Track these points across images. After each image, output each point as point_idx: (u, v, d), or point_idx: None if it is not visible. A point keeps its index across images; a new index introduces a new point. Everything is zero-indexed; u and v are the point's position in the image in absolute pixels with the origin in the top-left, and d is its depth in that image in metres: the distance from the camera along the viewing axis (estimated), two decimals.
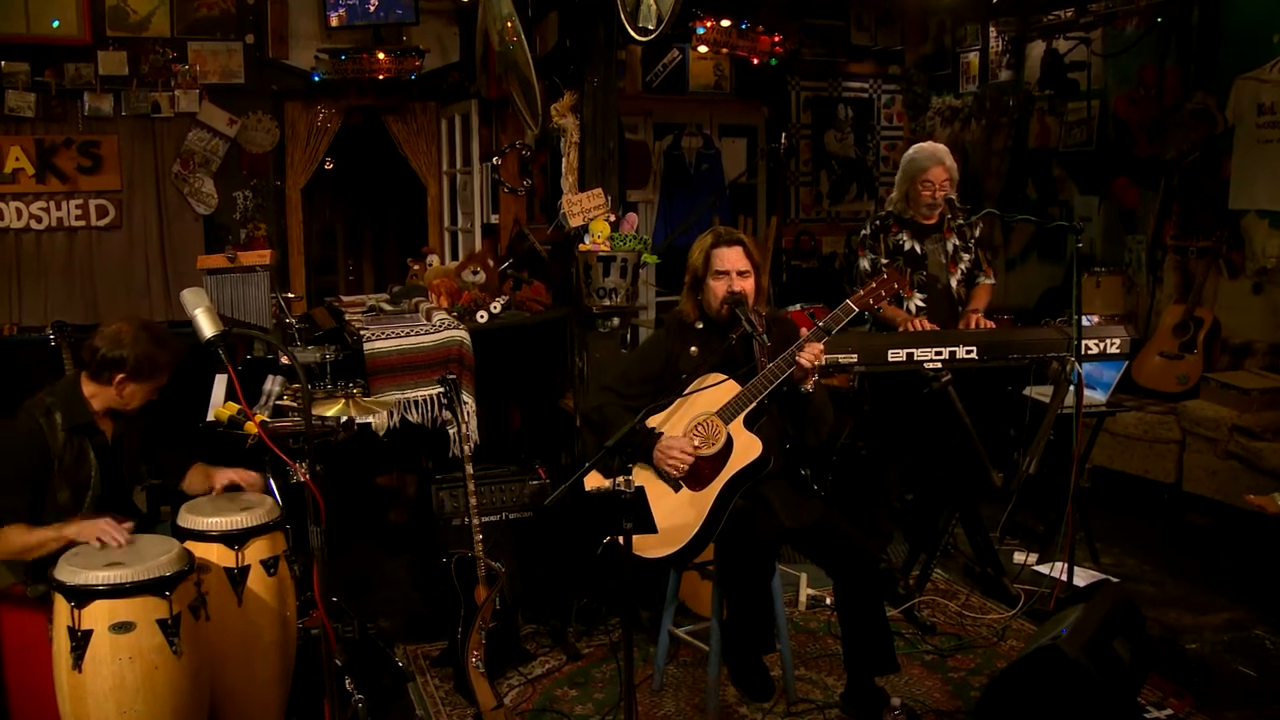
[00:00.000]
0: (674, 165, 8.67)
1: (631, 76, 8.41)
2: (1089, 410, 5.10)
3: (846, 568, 3.69)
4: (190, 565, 3.14)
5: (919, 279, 4.98)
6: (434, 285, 5.59)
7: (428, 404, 4.82)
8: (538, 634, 4.65)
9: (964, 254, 5.03)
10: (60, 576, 2.99)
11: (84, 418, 3.51)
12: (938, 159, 4.90)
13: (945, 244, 4.99)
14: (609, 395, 3.89)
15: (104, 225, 7.30)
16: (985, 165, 8.74)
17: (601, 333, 5.09)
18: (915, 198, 4.96)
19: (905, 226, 5.03)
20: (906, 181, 4.98)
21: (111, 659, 2.94)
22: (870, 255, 5.07)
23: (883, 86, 9.62)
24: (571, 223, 4.95)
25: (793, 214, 9.46)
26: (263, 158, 7.68)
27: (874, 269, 5.04)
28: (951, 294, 5.01)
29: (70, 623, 2.94)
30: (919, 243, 5.00)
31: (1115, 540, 5.67)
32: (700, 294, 3.90)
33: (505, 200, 7.13)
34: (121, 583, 2.95)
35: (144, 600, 2.97)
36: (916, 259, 5.00)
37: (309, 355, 4.28)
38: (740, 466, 3.66)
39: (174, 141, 7.39)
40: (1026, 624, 4.68)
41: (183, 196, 7.46)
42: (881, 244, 5.03)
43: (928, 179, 4.89)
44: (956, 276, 5.01)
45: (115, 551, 3.11)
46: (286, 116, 7.70)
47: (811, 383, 3.70)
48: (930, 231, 5.02)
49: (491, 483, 4.82)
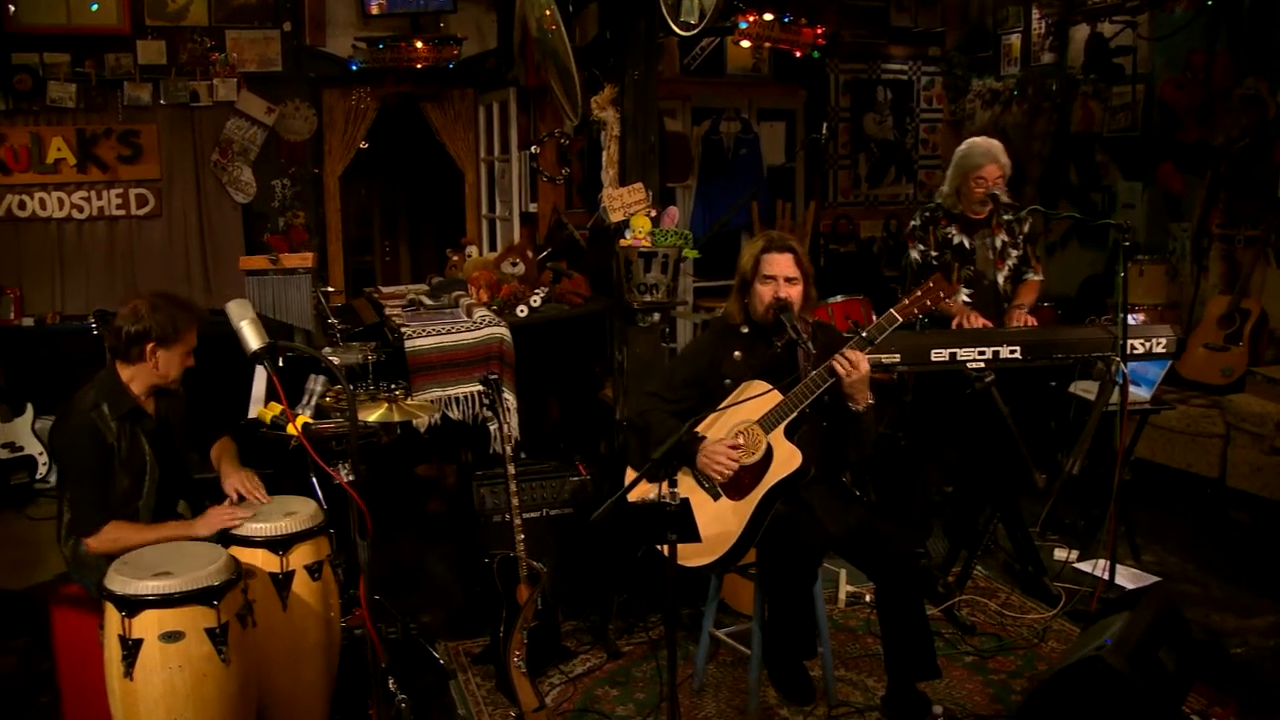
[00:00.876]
0: (712, 150, 8.63)
1: (669, 59, 8.37)
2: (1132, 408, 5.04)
3: (889, 573, 3.68)
4: (238, 574, 3.18)
5: (966, 274, 4.97)
6: (473, 278, 5.60)
7: (469, 401, 4.85)
8: (578, 631, 4.67)
9: (1012, 250, 5.01)
10: (111, 586, 3.03)
11: (129, 403, 3.55)
12: (992, 156, 4.85)
13: (994, 239, 4.96)
14: (653, 401, 3.90)
15: (144, 214, 7.39)
16: (1027, 149, 8.64)
17: (642, 327, 5.09)
18: (967, 193, 4.92)
19: (954, 220, 5.00)
20: (959, 177, 4.94)
21: (161, 667, 2.99)
22: (920, 247, 5.05)
23: (922, 68, 9.53)
24: (612, 218, 4.95)
25: (831, 198, 9.41)
26: (300, 145, 7.72)
27: (924, 261, 5.02)
28: (998, 290, 4.98)
29: (121, 631, 2.99)
30: (967, 237, 4.98)
31: (1156, 536, 5.64)
32: (747, 297, 3.89)
33: (543, 189, 7.14)
34: (170, 593, 3.00)
35: (192, 610, 3.01)
36: (964, 254, 4.97)
37: (351, 356, 4.30)
38: (780, 477, 3.66)
39: (212, 130, 7.46)
40: (1068, 624, 4.66)
41: (221, 185, 7.52)
42: (930, 236, 5.01)
43: (981, 176, 4.85)
44: (1004, 273, 4.98)
45: (165, 561, 3.15)
46: (324, 104, 7.74)
47: (864, 402, 3.68)
48: (979, 226, 4.98)
49: (532, 479, 4.84)
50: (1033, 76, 8.54)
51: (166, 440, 3.68)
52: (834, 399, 3.72)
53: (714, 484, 3.74)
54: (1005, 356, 4.47)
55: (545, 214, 7.10)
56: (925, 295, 3.68)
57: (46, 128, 7.09)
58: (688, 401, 3.87)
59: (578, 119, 5.51)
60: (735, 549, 3.68)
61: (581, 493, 4.91)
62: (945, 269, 5.00)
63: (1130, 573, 5.12)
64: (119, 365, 3.58)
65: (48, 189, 7.15)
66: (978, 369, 4.45)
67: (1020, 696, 4.04)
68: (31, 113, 7.07)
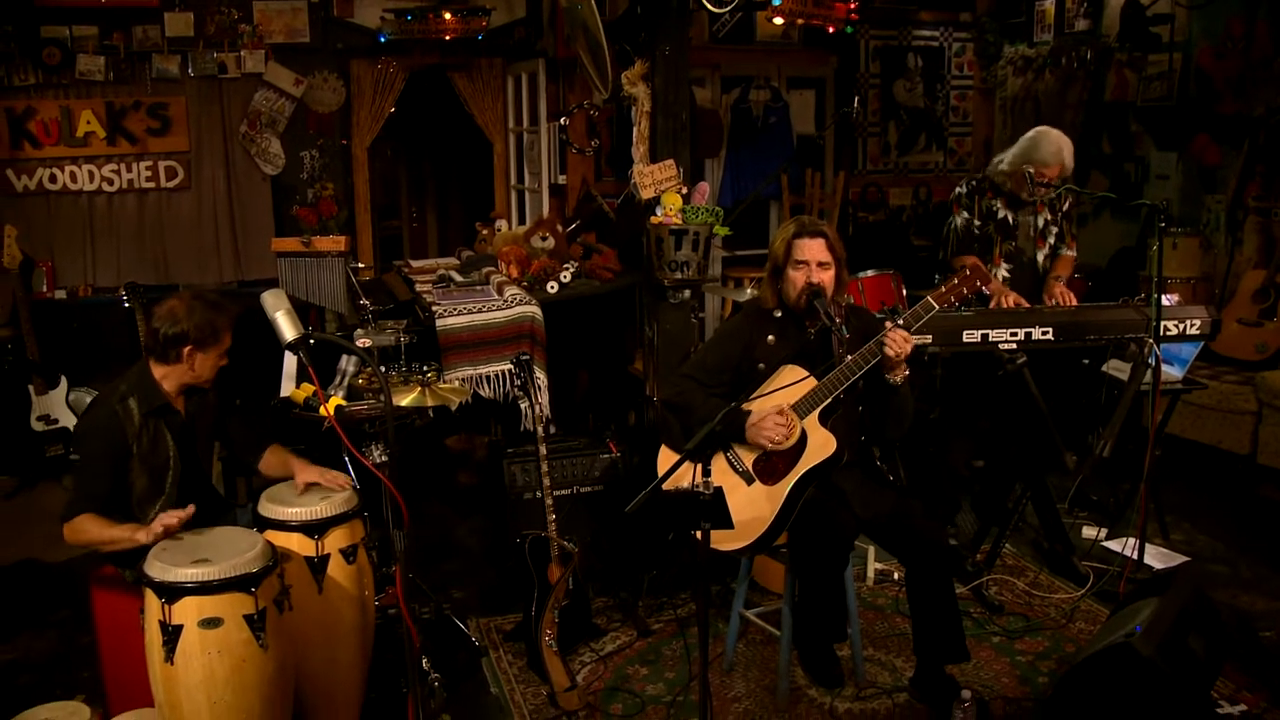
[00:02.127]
0: (741, 119, 8.59)
1: (698, 27, 8.32)
2: (1165, 389, 5.05)
3: (919, 558, 3.70)
4: (274, 560, 3.22)
5: (1007, 248, 4.99)
6: (503, 253, 5.62)
7: (500, 379, 4.88)
8: (608, 608, 4.71)
9: (1053, 228, 5.02)
10: (150, 573, 3.08)
11: (159, 399, 3.59)
12: (1060, 158, 4.81)
13: (1036, 218, 4.98)
14: (690, 383, 3.92)
15: (173, 186, 7.42)
16: (1058, 118, 8.55)
17: (672, 304, 5.08)
18: (1020, 180, 4.90)
19: (1000, 195, 5.01)
20: (1021, 160, 4.90)
21: (201, 653, 3.03)
22: (965, 215, 5.07)
23: (954, 35, 9.43)
24: (643, 194, 4.94)
25: (860, 165, 9.36)
26: (329, 117, 7.73)
27: (967, 230, 5.02)
28: (1037, 268, 5.01)
29: (161, 617, 3.03)
30: (1012, 213, 4.99)
31: (1186, 514, 5.63)
32: (779, 283, 3.90)
33: (572, 160, 7.13)
34: (209, 580, 3.04)
35: (231, 597, 3.05)
36: (1008, 228, 4.99)
37: (384, 338, 4.32)
38: (814, 463, 3.68)
39: (241, 102, 7.47)
40: (1095, 605, 4.67)
41: (250, 157, 7.55)
42: (976, 205, 5.01)
43: (1044, 172, 4.83)
44: (1044, 251, 5.01)
45: (203, 547, 3.19)
46: (352, 75, 7.73)
47: (901, 375, 3.70)
48: (1023, 203, 4.99)
49: (562, 456, 4.88)
50: (1066, 44, 8.45)
51: (190, 439, 3.71)
52: (869, 380, 3.74)
53: (748, 469, 3.77)
54: (1038, 338, 4.47)
55: (574, 186, 7.09)
56: (963, 283, 3.68)
57: (76, 101, 7.12)
58: (722, 386, 3.89)
59: (608, 93, 5.49)
60: (768, 534, 3.71)
61: (612, 471, 4.95)
62: (986, 242, 5.01)
63: (1159, 552, 5.13)
64: (152, 362, 3.62)
65: (78, 162, 7.19)
66: (1009, 351, 4.45)
67: (1047, 679, 4.07)
68: (61, 86, 7.10)
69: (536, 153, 7.66)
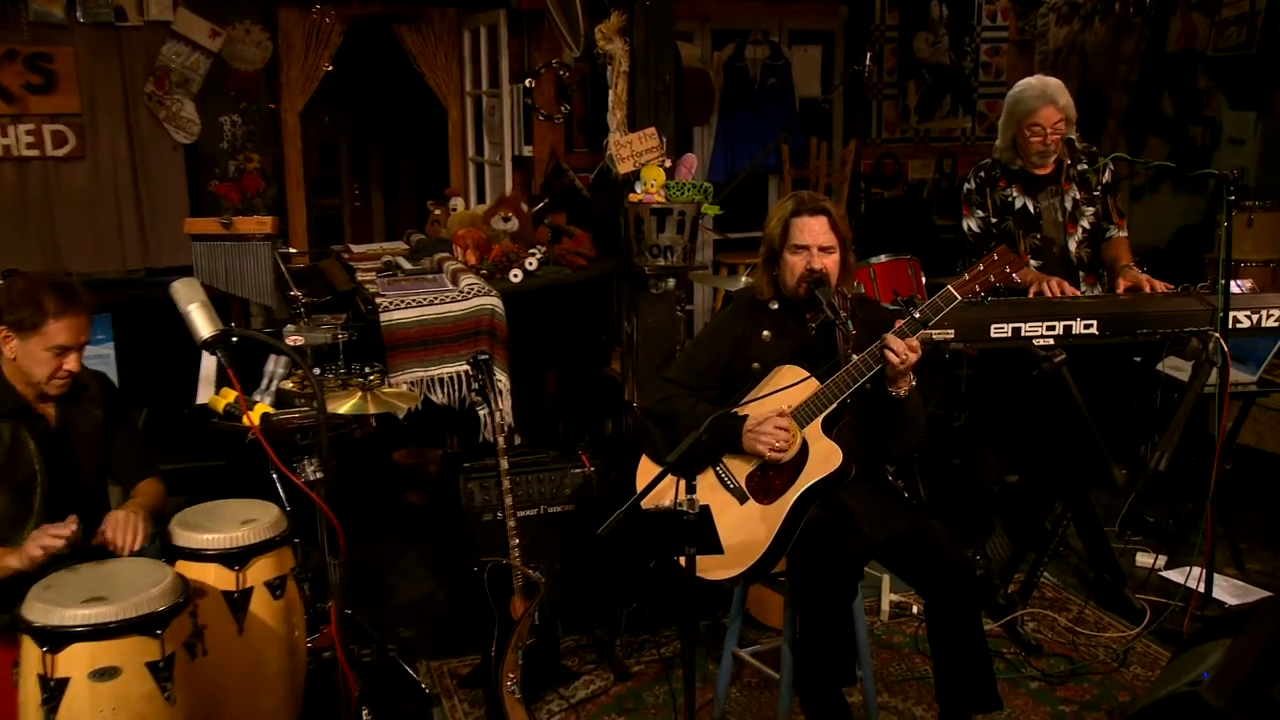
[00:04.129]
0: (736, 80, 8.61)
1: None
2: (1236, 391, 5.01)
3: (941, 588, 3.69)
4: (186, 596, 3.18)
5: (1032, 242, 4.94)
6: (459, 237, 5.62)
7: (454, 382, 4.88)
8: (581, 648, 4.72)
9: (1086, 208, 4.97)
10: (29, 616, 2.97)
11: (14, 400, 3.51)
12: (1048, 97, 4.78)
13: (1064, 198, 4.95)
14: (675, 388, 3.92)
15: (63, 155, 7.31)
16: (1110, 74, 8.57)
17: (654, 294, 5.09)
18: (1024, 146, 4.89)
19: (1014, 179, 4.98)
20: (1012, 126, 4.90)
21: (92, 711, 2.95)
22: (978, 214, 5.03)
23: None
24: (620, 168, 4.94)
25: (874, 134, 9.39)
26: (253, 76, 7.69)
27: (983, 230, 5.00)
28: (1069, 258, 4.97)
29: (42, 670, 2.93)
30: (1031, 198, 4.96)
31: (1263, 540, 5.63)
32: (776, 269, 3.89)
33: (539, 129, 7.13)
34: (104, 622, 2.96)
35: (131, 641, 2.99)
36: (1029, 219, 4.96)
37: (318, 335, 4.30)
38: (817, 478, 3.68)
39: (144, 56, 7.37)
40: (1153, 646, 4.68)
41: (158, 122, 7.48)
42: (989, 200, 4.99)
43: (1036, 123, 4.80)
44: (1076, 237, 4.96)
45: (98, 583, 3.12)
46: (280, 26, 7.70)
47: (906, 386, 3.70)
48: (1045, 184, 4.96)
49: (528, 471, 4.89)
50: None
51: (64, 450, 3.62)
52: (876, 385, 3.74)
53: (740, 485, 3.77)
54: (1079, 333, 4.46)
55: (542, 158, 7.09)
56: (989, 269, 3.66)
57: None
58: (712, 390, 3.89)
59: (579, 50, 5.49)
60: (763, 560, 3.70)
61: (585, 488, 4.96)
62: (1008, 238, 4.98)
63: (1231, 584, 5.13)
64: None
65: None
66: (1046, 347, 4.45)
67: None
68: None
69: (498, 120, 7.65)
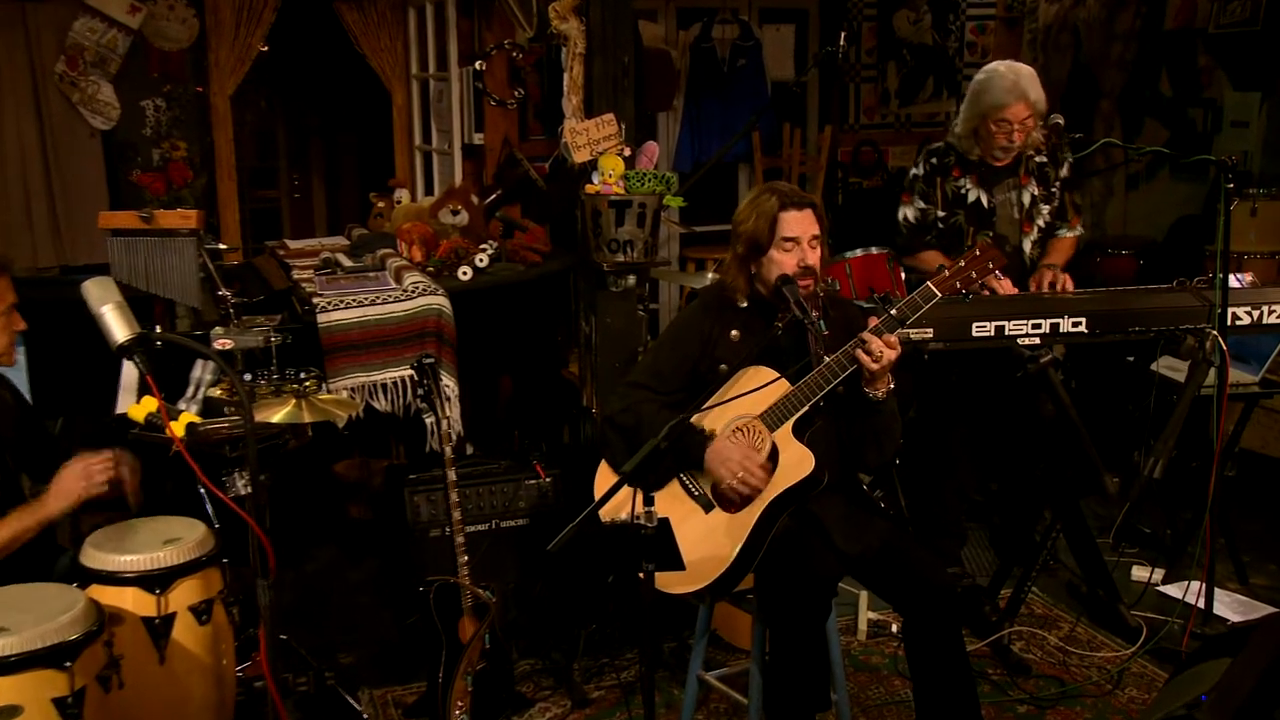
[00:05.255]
0: (703, 62, 8.64)
1: None
2: (1237, 393, 5.07)
3: (919, 604, 3.71)
4: (99, 624, 3.15)
5: (984, 240, 4.94)
6: (403, 231, 5.62)
7: (398, 388, 4.87)
8: (536, 672, 4.73)
9: (1044, 205, 5.02)
10: None
11: None
12: (1020, 92, 4.77)
13: (1021, 193, 5.00)
14: (640, 393, 3.93)
15: None
16: (1104, 52, 8.61)
17: (614, 292, 5.11)
18: (986, 139, 4.91)
19: (970, 169, 5.01)
20: (975, 117, 4.91)
21: None
22: (919, 204, 5.07)
23: None
24: (576, 157, 4.96)
25: (851, 119, 9.44)
26: (178, 56, 7.65)
27: (920, 222, 5.03)
28: (1023, 259, 5.03)
29: None
30: (986, 192, 5.00)
31: (1268, 552, 5.67)
32: (758, 268, 3.90)
33: (491, 115, 7.13)
34: (5, 655, 2.92)
35: (36, 676, 2.94)
36: (982, 214, 5.00)
37: (250, 338, 4.28)
38: (787, 485, 3.69)
39: (54, 33, 7.28)
40: (1150, 666, 4.70)
41: (72, 106, 7.42)
42: (938, 190, 5.02)
43: (1004, 119, 4.81)
44: (1031, 236, 5.03)
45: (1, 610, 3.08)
46: (207, 3, 7.65)
47: (884, 388, 3.72)
48: (1002, 176, 5.00)
49: (478, 483, 4.90)
50: None
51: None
52: (852, 389, 3.77)
53: (705, 493, 3.79)
54: (1067, 331, 4.50)
55: (494, 146, 7.08)
56: (971, 265, 3.70)
57: None
58: (680, 394, 3.90)
59: (533, 30, 5.51)
60: (729, 574, 3.71)
61: (540, 500, 4.97)
62: (957, 233, 5.04)
63: (1234, 600, 5.17)
64: None
65: None
66: (1031, 346, 4.49)
67: None
68: None
69: (446, 106, 7.64)
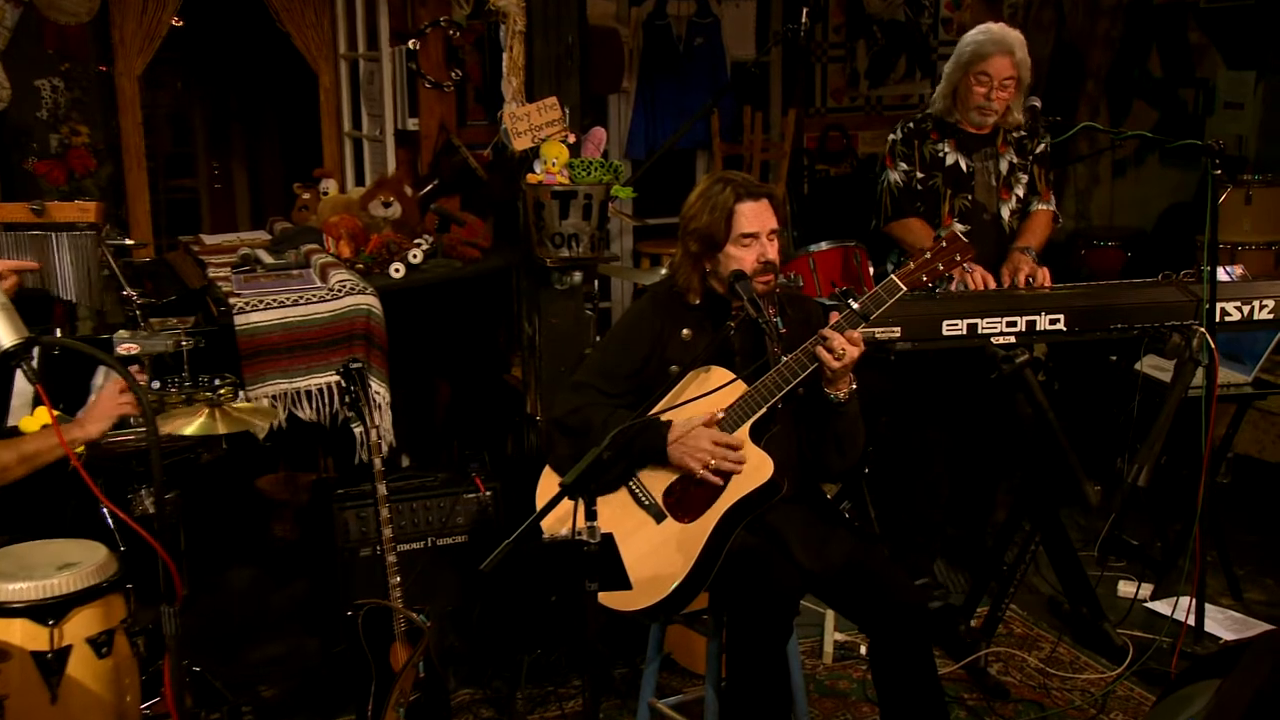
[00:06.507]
0: (657, 40, 8.65)
1: None
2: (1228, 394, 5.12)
3: (887, 624, 3.74)
4: None
5: (961, 204, 5.13)
6: (330, 225, 5.60)
7: (324, 395, 4.86)
8: (475, 703, 4.74)
9: (1021, 174, 5.19)
10: None
11: None
12: (1005, 46, 4.96)
13: (999, 161, 5.16)
14: (588, 394, 3.95)
15: None
16: (1090, 30, 8.68)
17: (559, 290, 5.11)
18: (965, 95, 5.07)
19: (948, 134, 5.17)
20: (958, 72, 5.08)
21: None
22: (903, 166, 5.20)
23: None
24: (516, 144, 4.95)
25: (818, 102, 9.49)
26: (77, 32, 7.56)
27: (907, 185, 5.15)
28: (1001, 226, 5.17)
29: None
30: (964, 156, 5.15)
31: (1265, 565, 5.72)
32: (713, 265, 3.91)
33: (426, 98, 7.10)
34: None
35: None
36: (960, 177, 5.14)
37: (158, 342, 4.26)
38: (744, 493, 3.71)
39: None
40: (1136, 689, 4.74)
41: None
42: (915, 153, 5.16)
43: (985, 71, 4.97)
44: (1010, 204, 5.19)
45: None
46: None
47: (846, 388, 3.76)
48: (981, 143, 5.16)
49: (413, 498, 4.91)
50: None
51: None
52: (811, 389, 3.80)
53: (656, 502, 3.80)
54: (1044, 329, 4.54)
55: (430, 133, 7.06)
56: (937, 257, 3.74)
57: None
58: (630, 395, 3.93)
59: (470, 5, 5.52)
60: (682, 590, 3.72)
61: (480, 515, 4.98)
62: (934, 196, 5.17)
63: (1227, 617, 5.22)
64: None
65: None
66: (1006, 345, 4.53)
67: None
68: None
69: (377, 88, 7.61)
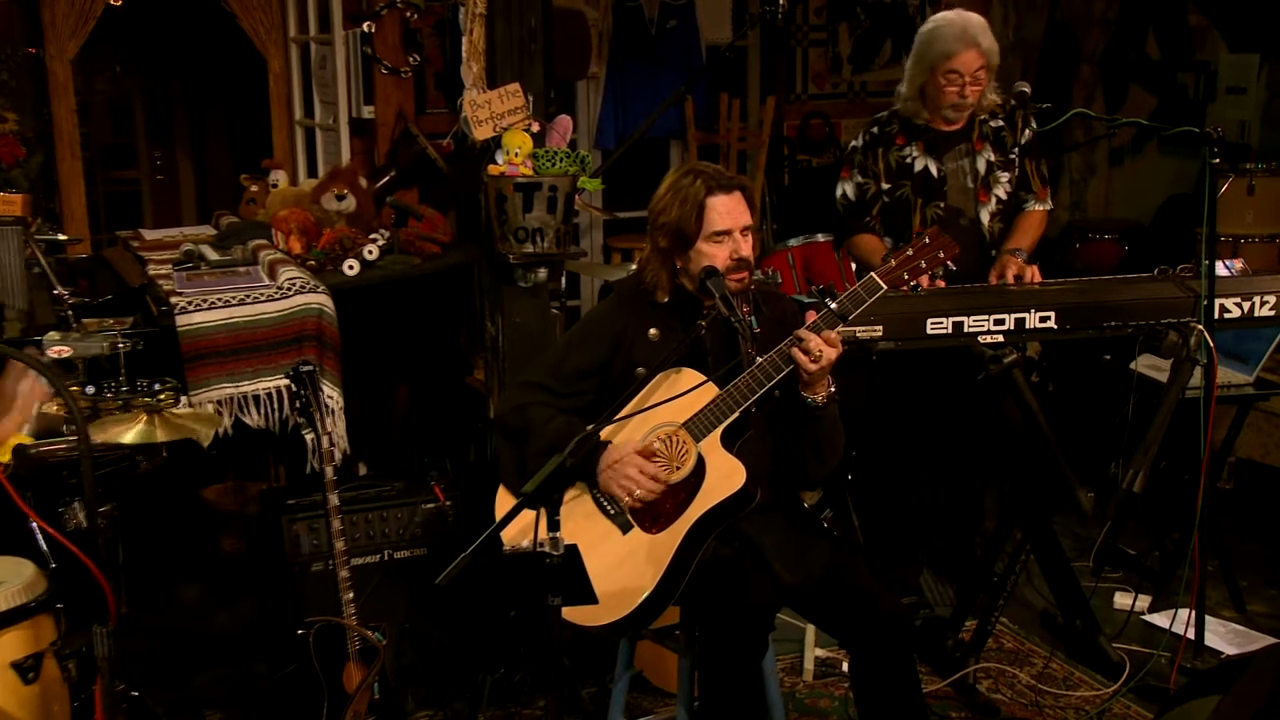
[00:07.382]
0: (628, 23, 8.65)
1: None
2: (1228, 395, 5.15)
3: (869, 638, 3.75)
4: None
5: (934, 213, 5.03)
6: (279, 219, 5.60)
7: (272, 400, 4.85)
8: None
9: (1001, 172, 5.08)
10: None
11: None
12: (970, 39, 4.84)
13: (975, 160, 5.05)
14: (536, 394, 3.95)
15: None
16: (1085, 12, 8.72)
17: (523, 288, 5.11)
18: (935, 96, 4.98)
19: (916, 136, 5.07)
20: (923, 73, 4.97)
21: None
22: (858, 179, 5.12)
23: None
24: (477, 134, 4.94)
25: (798, 88, 9.51)
26: (3, 10, 7.57)
27: (858, 200, 5.09)
28: (981, 231, 5.08)
29: None
30: (935, 160, 5.05)
31: (1269, 576, 5.73)
32: (683, 261, 3.92)
33: (383, 85, 7.11)
34: None
35: None
36: (931, 184, 5.05)
37: (92, 345, 4.24)
38: (715, 502, 3.72)
39: None
40: (1134, 706, 4.74)
41: None
42: (880, 162, 5.08)
43: (954, 69, 4.88)
44: (989, 207, 5.08)
45: None
46: None
47: (824, 391, 3.77)
48: (953, 142, 5.06)
49: (368, 508, 4.91)
50: None
51: None
52: (787, 393, 3.81)
53: (623, 510, 3.81)
54: (1034, 327, 4.54)
55: (386, 121, 7.07)
56: (919, 254, 3.74)
57: None
58: (584, 396, 3.93)
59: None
60: (650, 603, 3.72)
61: (439, 526, 4.99)
62: (903, 208, 5.09)
63: (1229, 630, 5.23)
64: None
65: None
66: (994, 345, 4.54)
67: None
68: None
69: (330, 73, 7.61)
